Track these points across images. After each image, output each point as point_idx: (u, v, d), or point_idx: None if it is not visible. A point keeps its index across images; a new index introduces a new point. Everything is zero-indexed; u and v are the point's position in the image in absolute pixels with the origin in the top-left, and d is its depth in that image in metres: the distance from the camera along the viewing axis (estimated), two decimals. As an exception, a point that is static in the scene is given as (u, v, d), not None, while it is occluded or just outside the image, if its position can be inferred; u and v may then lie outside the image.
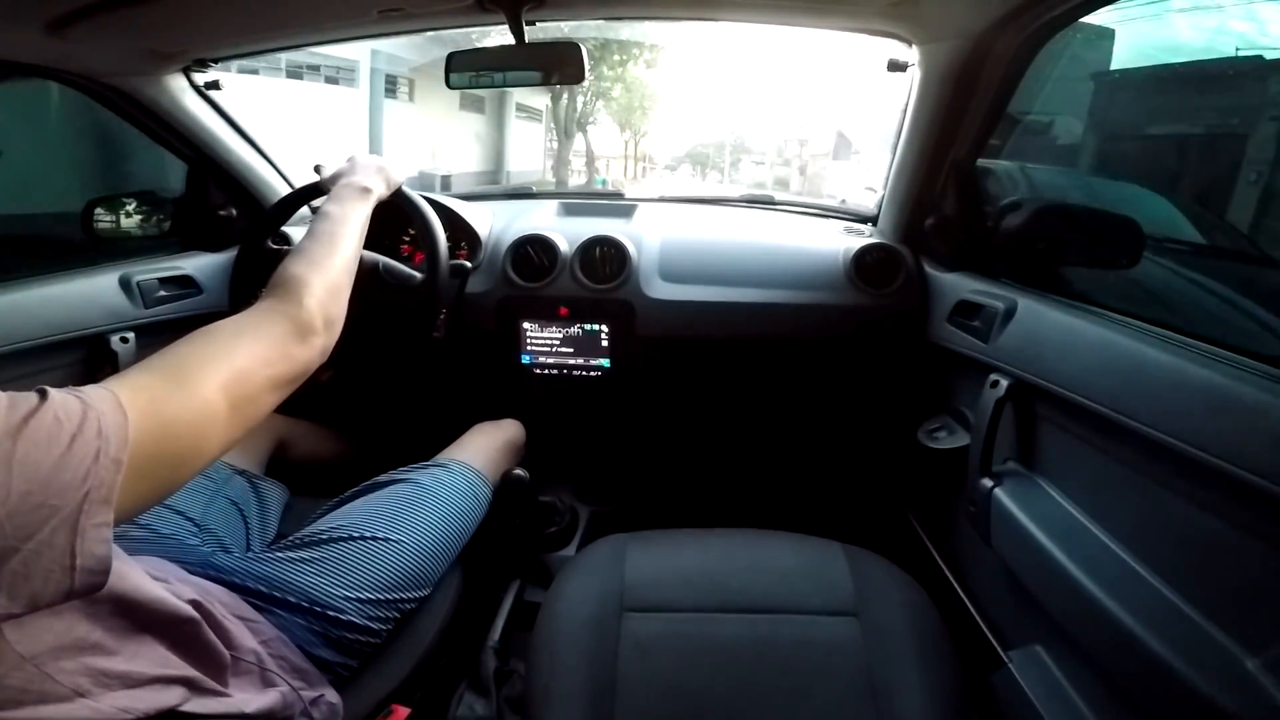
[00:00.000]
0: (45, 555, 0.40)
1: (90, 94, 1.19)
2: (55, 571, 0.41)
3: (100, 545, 0.42)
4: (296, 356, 0.64)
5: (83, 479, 0.41)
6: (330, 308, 0.70)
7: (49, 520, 0.40)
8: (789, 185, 18.93)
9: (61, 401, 0.43)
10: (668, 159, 22.07)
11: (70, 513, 0.41)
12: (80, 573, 0.42)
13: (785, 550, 0.96)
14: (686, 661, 0.80)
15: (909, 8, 0.98)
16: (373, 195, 0.94)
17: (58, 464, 0.40)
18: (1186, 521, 0.67)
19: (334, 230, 0.81)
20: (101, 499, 0.42)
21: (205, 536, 0.91)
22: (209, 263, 1.39)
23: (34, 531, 0.39)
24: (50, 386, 0.45)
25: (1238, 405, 0.61)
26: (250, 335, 0.61)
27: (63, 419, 0.42)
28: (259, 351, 0.60)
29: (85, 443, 0.42)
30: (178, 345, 0.56)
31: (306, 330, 0.66)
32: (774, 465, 1.64)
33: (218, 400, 0.53)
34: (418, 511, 0.95)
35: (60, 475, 0.40)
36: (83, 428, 0.42)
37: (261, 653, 0.70)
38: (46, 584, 0.40)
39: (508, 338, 1.39)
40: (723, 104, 30.32)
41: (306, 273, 0.71)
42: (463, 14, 1.06)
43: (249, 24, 1.13)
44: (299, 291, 0.68)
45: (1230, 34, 1.01)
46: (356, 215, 0.87)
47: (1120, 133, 1.32)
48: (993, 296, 1.06)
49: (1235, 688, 0.58)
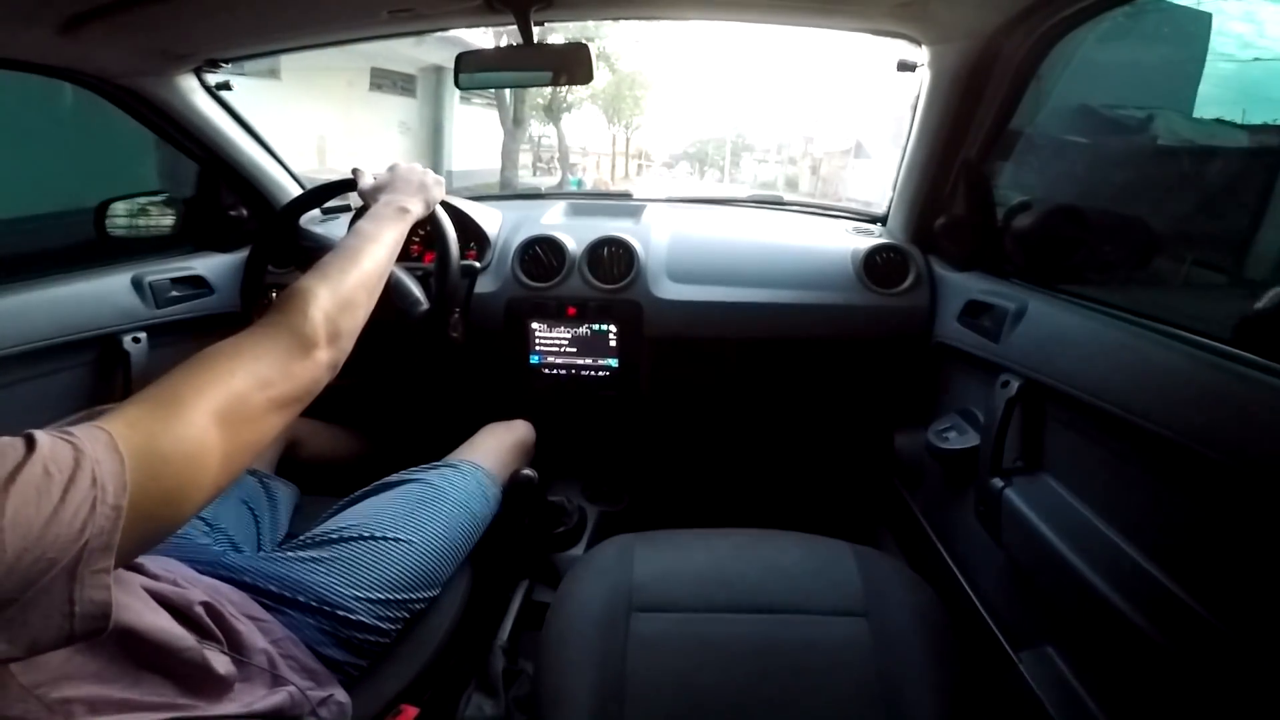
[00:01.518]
0: (43, 602, 0.39)
1: (103, 94, 1.20)
2: (54, 618, 0.40)
3: (100, 591, 0.42)
4: (298, 374, 0.61)
5: (80, 530, 0.40)
6: (339, 321, 0.66)
7: (47, 572, 0.39)
8: (798, 186, 17.36)
9: (51, 450, 0.41)
10: (665, 156, 20.70)
11: (68, 563, 0.40)
12: (80, 619, 0.41)
13: (794, 550, 0.96)
14: (696, 661, 0.80)
15: (918, 8, 0.98)
16: (411, 215, 0.91)
17: (51, 519, 0.39)
18: (1197, 521, 0.67)
19: (360, 247, 0.77)
20: (101, 546, 0.41)
21: (216, 535, 0.91)
22: (220, 263, 1.40)
23: (33, 582, 0.39)
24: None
25: (1249, 405, 0.61)
26: (248, 356, 0.58)
27: (53, 471, 0.40)
28: (257, 373, 0.57)
29: (79, 493, 0.41)
30: (174, 372, 0.53)
31: (309, 344, 0.62)
32: (782, 465, 1.64)
33: (210, 429, 0.50)
34: (428, 512, 0.95)
35: (54, 529, 0.39)
36: (75, 478, 0.41)
37: (272, 652, 0.70)
38: (46, 630, 0.40)
39: (516, 338, 1.39)
40: (723, 97, 28.78)
41: (316, 285, 0.67)
42: (472, 14, 1.06)
43: (260, 24, 1.14)
44: (305, 304, 0.64)
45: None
46: (389, 235, 0.84)
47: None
48: (1003, 296, 1.06)
49: (1247, 689, 0.57)
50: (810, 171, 17.72)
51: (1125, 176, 1.16)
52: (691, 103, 27.28)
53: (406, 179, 0.98)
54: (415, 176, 0.99)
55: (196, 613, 0.63)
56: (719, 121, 27.85)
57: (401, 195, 0.93)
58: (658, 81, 14.07)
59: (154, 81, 1.20)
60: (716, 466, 1.66)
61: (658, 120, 21.35)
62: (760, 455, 1.64)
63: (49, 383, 1.10)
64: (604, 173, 18.13)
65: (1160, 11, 1.08)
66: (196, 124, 1.31)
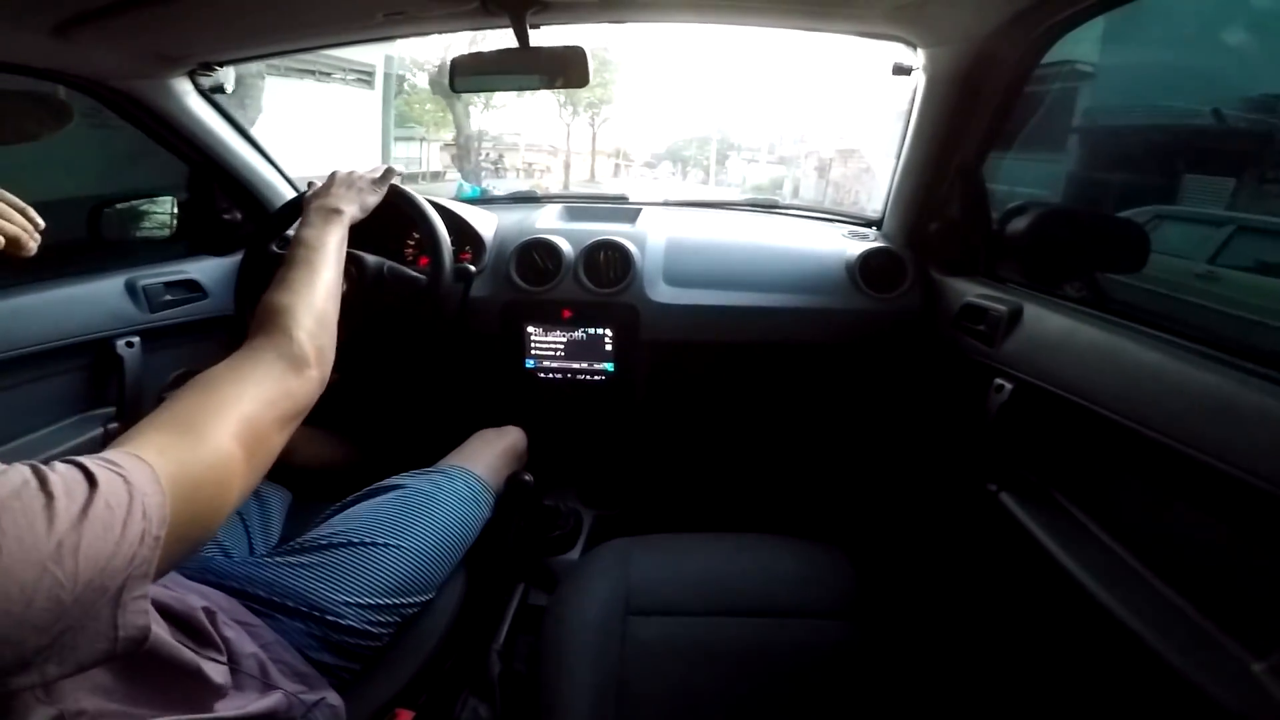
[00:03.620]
0: (90, 628, 0.42)
1: (96, 98, 1.19)
2: (100, 642, 0.42)
3: (141, 616, 0.44)
4: (297, 392, 0.65)
5: (129, 560, 0.43)
6: (319, 338, 0.71)
7: (99, 600, 0.42)
8: (799, 191, 14.62)
9: (109, 486, 0.43)
10: (647, 156, 18.69)
11: (115, 591, 0.43)
12: (122, 642, 0.44)
13: (789, 554, 0.96)
14: (691, 664, 0.80)
15: (914, 11, 0.98)
16: (344, 216, 0.92)
17: (114, 551, 0.42)
18: (1192, 525, 0.67)
19: (310, 257, 0.81)
20: (142, 575, 0.44)
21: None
22: (214, 266, 1.39)
23: (88, 611, 0.41)
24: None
25: (1243, 410, 0.61)
26: (251, 379, 0.62)
27: (114, 505, 0.43)
28: (263, 394, 0.61)
29: (135, 527, 0.43)
30: (183, 398, 0.57)
31: (300, 364, 0.67)
32: (777, 469, 1.64)
33: (234, 450, 0.54)
34: (419, 517, 0.95)
35: (114, 561, 0.42)
36: (130, 512, 0.43)
37: (262, 656, 0.70)
38: (92, 651, 0.42)
39: (512, 342, 1.39)
40: (707, 91, 25.14)
41: (292, 303, 0.71)
42: (467, 17, 1.06)
43: (254, 27, 1.13)
44: (288, 325, 0.68)
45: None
46: (331, 238, 0.86)
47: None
48: (998, 301, 1.06)
49: (1241, 691, 0.57)
50: (816, 174, 15.11)
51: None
52: (674, 98, 24.79)
53: (341, 182, 1.00)
54: (350, 179, 1.01)
55: (198, 619, 0.63)
56: (703, 119, 25.03)
57: (332, 199, 0.94)
58: (627, 63, 10.85)
59: (148, 85, 1.20)
60: (712, 470, 1.66)
61: (633, 114, 19.38)
62: (755, 459, 1.64)
63: (42, 387, 1.10)
64: (576, 175, 15.29)
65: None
66: (190, 127, 1.30)
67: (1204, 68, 1.30)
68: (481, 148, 12.29)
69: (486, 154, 12.41)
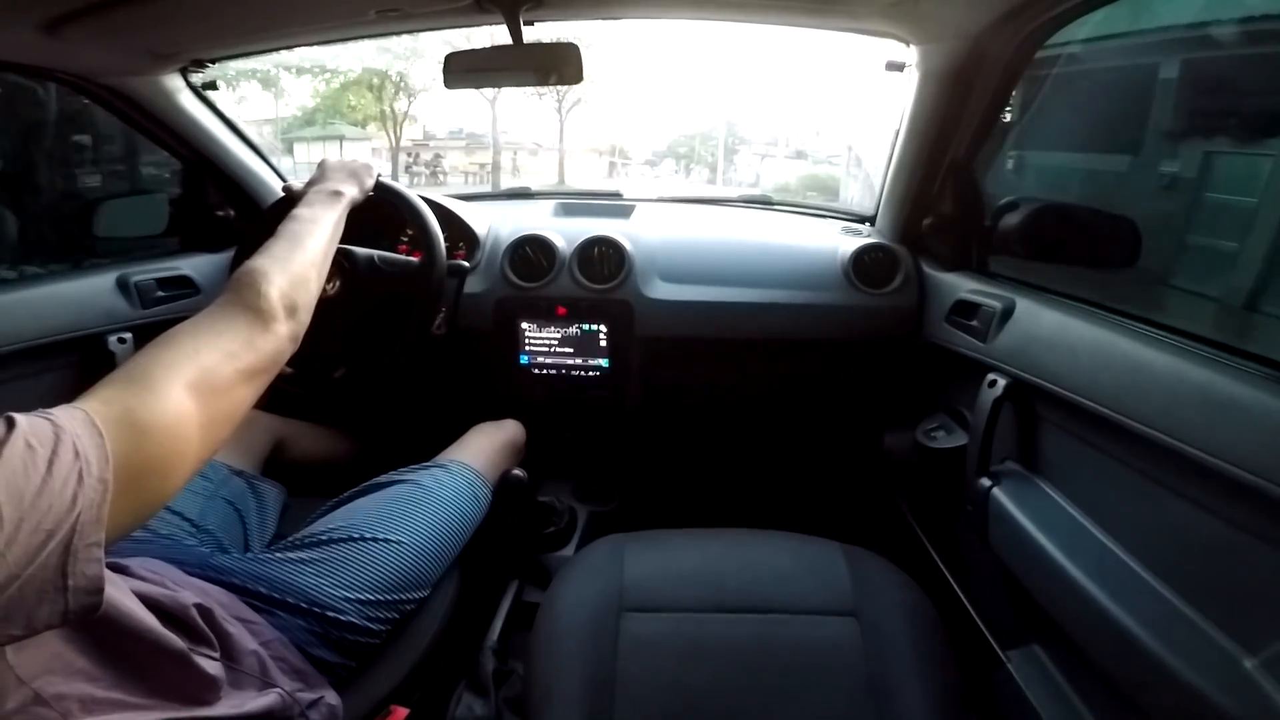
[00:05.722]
0: (39, 577, 0.40)
1: (88, 94, 1.19)
2: (49, 593, 0.41)
3: (92, 565, 0.43)
4: (261, 346, 0.63)
5: (72, 502, 0.41)
6: (294, 295, 0.69)
7: (45, 545, 0.40)
8: (837, 192, 12.91)
9: (30, 427, 0.42)
10: (648, 154, 17.75)
11: (64, 536, 0.41)
12: (74, 593, 0.42)
13: (784, 550, 0.96)
14: (686, 661, 0.80)
15: (907, 8, 0.98)
16: (345, 198, 0.91)
17: (41, 488, 0.40)
18: (1184, 521, 0.67)
19: (300, 230, 0.79)
20: (92, 520, 0.43)
21: (203, 537, 0.91)
22: (207, 263, 1.39)
23: (33, 557, 0.40)
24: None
25: (1235, 404, 0.61)
26: (209, 332, 0.60)
27: (35, 445, 0.41)
28: (221, 345, 0.59)
29: (64, 464, 0.42)
30: (139, 354, 0.55)
31: (268, 318, 0.65)
32: (772, 465, 1.64)
33: (186, 400, 0.53)
34: (418, 512, 0.95)
35: (45, 499, 0.40)
36: (58, 450, 0.42)
37: (262, 654, 0.70)
38: (40, 605, 0.41)
39: (506, 338, 1.39)
40: (711, 84, 22.70)
41: (266, 265, 0.69)
42: (461, 14, 1.05)
43: (246, 24, 1.13)
44: (257, 282, 0.67)
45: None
46: (327, 217, 0.85)
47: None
48: (991, 296, 1.06)
49: (1233, 687, 0.58)
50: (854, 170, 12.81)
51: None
52: (675, 90, 22.75)
53: (336, 168, 0.99)
54: (346, 164, 1.00)
55: (190, 615, 0.63)
56: (708, 114, 23.33)
57: (331, 182, 0.93)
58: (602, 42, 8.87)
59: (139, 81, 1.19)
60: (707, 466, 1.66)
61: (628, 109, 18.28)
62: (751, 455, 1.65)
63: (34, 384, 1.09)
64: (542, 178, 12.64)
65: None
66: (182, 124, 1.30)
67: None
68: (414, 150, 11.06)
69: (417, 155, 11.01)
